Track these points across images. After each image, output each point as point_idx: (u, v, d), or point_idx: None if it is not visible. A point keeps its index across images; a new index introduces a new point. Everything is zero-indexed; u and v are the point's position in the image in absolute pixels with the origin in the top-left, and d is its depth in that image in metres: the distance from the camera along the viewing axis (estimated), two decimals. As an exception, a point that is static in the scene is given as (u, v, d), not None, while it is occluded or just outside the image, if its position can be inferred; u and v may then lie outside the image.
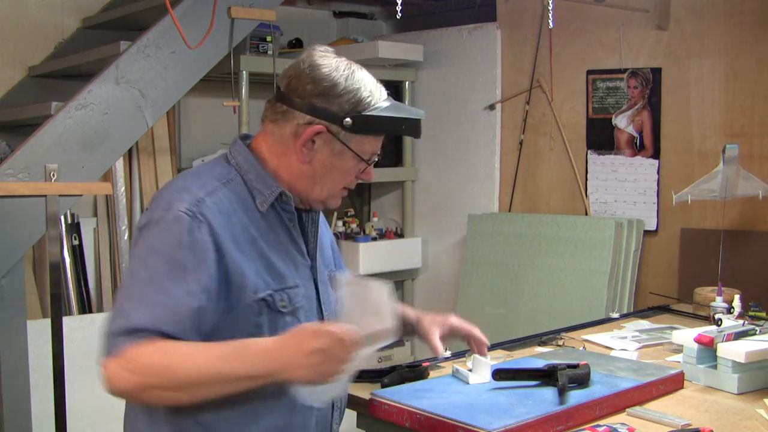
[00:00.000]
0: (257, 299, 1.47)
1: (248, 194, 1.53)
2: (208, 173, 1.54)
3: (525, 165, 3.98)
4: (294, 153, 1.53)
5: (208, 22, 2.89)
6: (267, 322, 1.48)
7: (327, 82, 1.52)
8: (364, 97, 1.54)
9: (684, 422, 1.69)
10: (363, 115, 1.53)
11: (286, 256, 1.54)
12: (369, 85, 1.57)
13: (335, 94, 1.52)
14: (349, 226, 4.31)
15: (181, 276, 1.40)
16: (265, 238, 1.52)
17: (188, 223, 1.42)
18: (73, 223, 3.52)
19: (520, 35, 3.99)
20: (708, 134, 3.39)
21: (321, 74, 1.53)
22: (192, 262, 1.41)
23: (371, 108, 1.54)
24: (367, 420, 1.86)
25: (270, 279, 1.50)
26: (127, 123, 2.79)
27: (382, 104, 1.56)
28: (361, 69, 1.59)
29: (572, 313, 3.42)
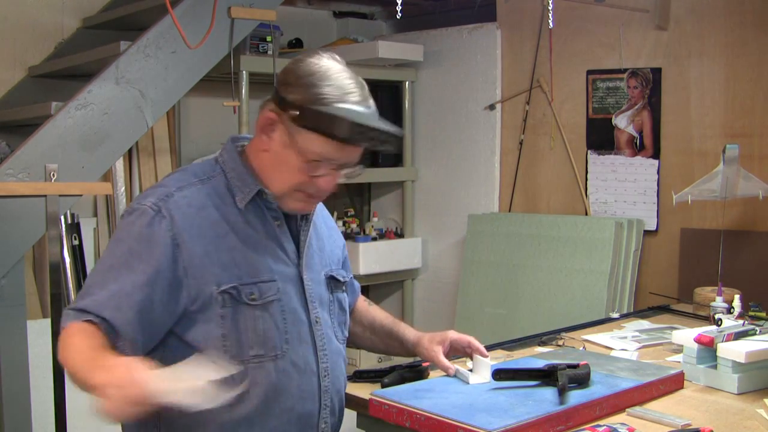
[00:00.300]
0: (220, 291, 1.51)
1: (228, 192, 1.57)
2: (192, 170, 1.61)
3: (525, 165, 3.98)
4: (260, 141, 1.58)
5: (208, 22, 2.89)
6: (231, 314, 1.52)
7: (297, 72, 1.53)
8: (324, 93, 1.49)
9: (684, 422, 1.69)
10: (310, 108, 1.49)
11: (264, 251, 1.57)
12: (333, 86, 1.50)
13: (297, 84, 1.51)
14: (349, 226, 4.31)
15: (133, 266, 1.47)
16: (240, 233, 1.56)
17: (150, 217, 1.50)
18: (73, 223, 3.52)
19: (520, 35, 3.99)
20: (708, 134, 3.39)
21: (298, 67, 1.54)
22: (146, 255, 1.48)
23: (319, 104, 1.49)
24: (367, 420, 1.86)
25: (240, 272, 1.53)
26: (127, 123, 2.79)
27: (338, 105, 1.49)
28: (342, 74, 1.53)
29: (572, 313, 3.42)
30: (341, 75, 1.53)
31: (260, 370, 1.53)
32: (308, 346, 1.61)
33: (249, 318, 1.53)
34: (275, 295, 1.56)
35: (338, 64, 1.56)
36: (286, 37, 4.25)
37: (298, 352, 1.58)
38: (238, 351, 1.51)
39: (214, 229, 1.53)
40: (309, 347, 1.61)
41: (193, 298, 1.50)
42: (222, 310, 1.51)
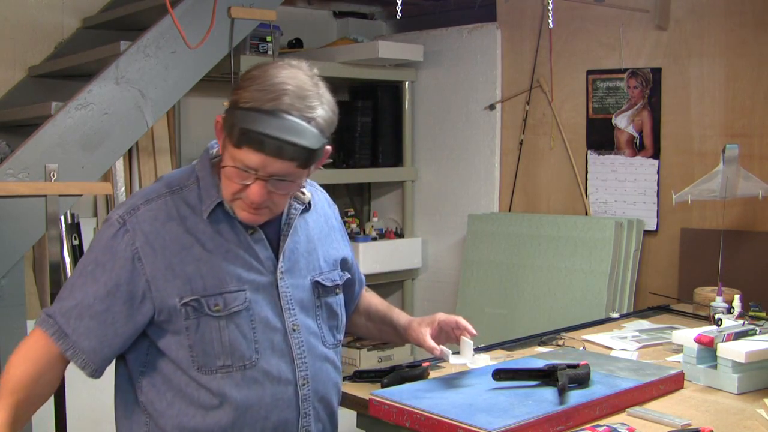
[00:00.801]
0: (182, 303, 1.52)
1: (199, 201, 1.57)
2: (167, 179, 1.63)
3: (525, 165, 3.98)
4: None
5: (208, 22, 2.89)
6: (195, 326, 1.52)
7: (242, 77, 1.51)
8: (244, 98, 1.45)
9: (684, 422, 1.69)
10: (231, 113, 1.46)
11: (234, 260, 1.56)
12: (267, 90, 1.45)
13: (237, 87, 1.50)
14: (349, 226, 4.31)
15: (97, 277, 1.53)
16: (208, 243, 1.55)
17: (115, 230, 1.54)
18: (73, 223, 3.52)
19: (520, 35, 3.99)
20: (708, 134, 3.39)
21: (250, 71, 1.51)
22: (108, 267, 1.52)
23: (244, 110, 1.44)
24: (367, 420, 1.86)
25: (205, 283, 1.53)
26: (127, 123, 2.79)
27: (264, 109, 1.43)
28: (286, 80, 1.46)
29: (572, 313, 3.42)
30: (275, 79, 1.46)
31: (229, 380, 1.53)
32: (283, 354, 1.58)
33: (214, 329, 1.53)
34: (243, 304, 1.55)
35: (287, 69, 1.49)
36: (286, 37, 4.25)
37: (270, 362, 1.56)
38: (205, 361, 1.53)
39: (179, 242, 1.53)
40: (284, 356, 1.59)
41: (158, 310, 1.52)
42: (186, 321, 1.52)
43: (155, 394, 1.56)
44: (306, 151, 1.45)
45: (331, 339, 1.70)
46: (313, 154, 1.46)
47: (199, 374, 1.53)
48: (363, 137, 4.25)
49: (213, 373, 1.53)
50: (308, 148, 1.45)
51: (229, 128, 1.47)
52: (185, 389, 1.54)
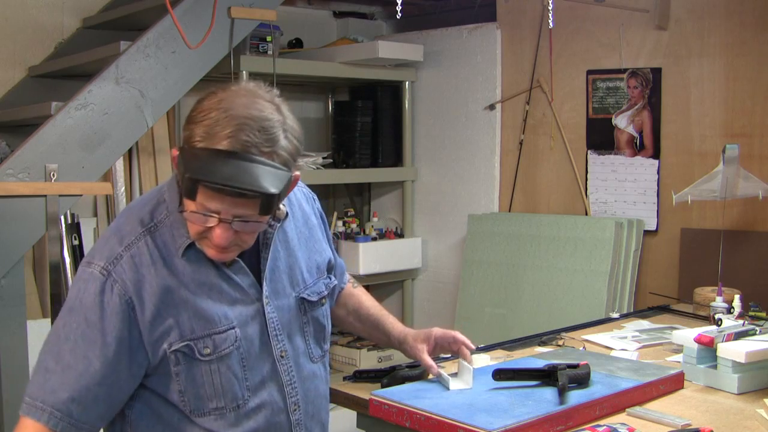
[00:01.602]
0: (172, 351, 1.45)
1: (172, 239, 1.47)
2: (138, 214, 1.49)
3: (525, 165, 3.98)
4: None
5: (208, 22, 2.89)
6: (185, 371, 1.46)
7: (195, 108, 1.42)
8: (201, 133, 1.35)
9: (684, 422, 1.69)
10: (185, 151, 1.36)
11: (218, 297, 1.49)
12: (221, 122, 1.34)
13: (189, 120, 1.40)
14: (349, 226, 4.31)
15: (93, 339, 1.41)
16: (190, 284, 1.47)
17: (101, 284, 1.43)
18: (73, 223, 3.52)
19: (520, 35, 3.99)
20: (708, 134, 3.39)
21: (201, 101, 1.43)
22: (104, 325, 1.42)
23: (198, 150, 1.34)
24: (367, 420, 1.86)
25: (193, 326, 1.46)
26: (127, 123, 2.79)
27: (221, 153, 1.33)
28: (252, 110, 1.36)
29: (572, 313, 3.42)
30: (231, 112, 1.36)
31: (222, 420, 1.49)
32: (273, 384, 1.55)
33: (205, 373, 1.47)
34: (233, 345, 1.49)
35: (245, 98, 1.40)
36: (286, 37, 4.25)
37: (261, 395, 1.53)
38: (197, 405, 1.48)
39: (163, 286, 1.45)
40: (274, 386, 1.55)
41: (151, 359, 1.46)
42: (176, 368, 1.46)
43: (145, 427, 1.50)
44: (268, 197, 1.34)
45: (318, 351, 1.65)
46: (276, 198, 1.35)
47: (191, 416, 1.48)
48: (363, 137, 4.25)
49: (206, 416, 1.48)
50: (270, 194, 1.34)
51: (182, 172, 1.34)
52: (177, 425, 1.49)
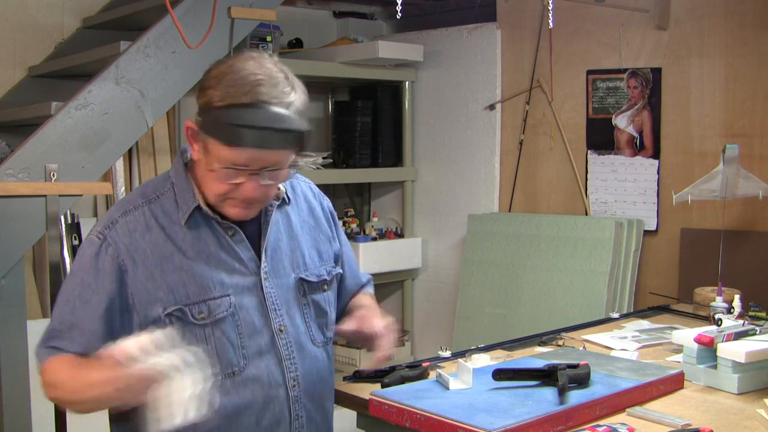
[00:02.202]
0: (166, 314, 1.50)
1: (176, 208, 1.55)
2: (143, 189, 1.60)
3: (525, 165, 3.98)
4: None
5: (208, 22, 2.89)
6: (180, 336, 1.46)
7: (206, 75, 1.49)
8: (218, 95, 1.44)
9: (684, 422, 1.69)
10: (208, 113, 1.44)
11: (217, 265, 1.54)
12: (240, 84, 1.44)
13: (204, 87, 1.48)
14: (349, 226, 4.31)
15: (87, 299, 1.49)
16: (189, 250, 1.53)
17: (96, 247, 1.52)
18: (73, 223, 3.52)
19: (520, 35, 3.99)
20: (708, 134, 3.39)
21: (209, 69, 1.51)
22: (97, 285, 1.49)
23: (219, 107, 1.43)
24: (367, 420, 1.86)
25: (188, 291, 1.51)
26: (127, 123, 2.79)
27: (240, 103, 1.42)
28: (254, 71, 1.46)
29: (572, 313, 3.42)
30: (244, 72, 1.45)
31: (218, 388, 1.50)
32: (271, 357, 1.57)
33: (200, 338, 1.51)
34: (227, 310, 1.53)
35: (252, 60, 1.49)
36: (286, 37, 4.25)
37: (258, 366, 1.55)
38: None
39: (159, 251, 1.51)
40: (272, 358, 1.57)
41: (142, 321, 1.50)
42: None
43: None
44: (298, 134, 1.46)
45: (320, 337, 1.68)
46: (304, 136, 1.47)
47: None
48: (363, 137, 4.25)
49: None
50: (299, 131, 1.46)
51: (211, 130, 1.44)
52: None
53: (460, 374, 1.85)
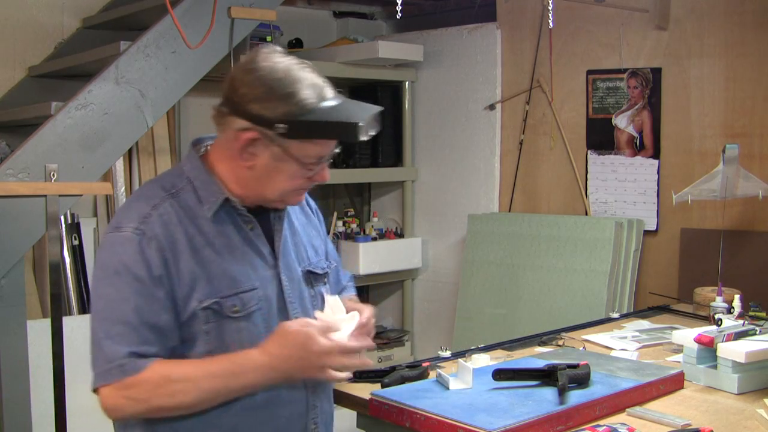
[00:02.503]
0: (202, 308, 1.49)
1: (198, 203, 1.55)
2: (159, 183, 1.58)
3: (525, 165, 3.98)
4: (237, 157, 1.54)
5: (208, 22, 2.89)
6: (215, 329, 1.50)
7: (262, 86, 1.48)
8: (298, 101, 1.48)
9: (684, 422, 1.69)
10: (296, 121, 1.48)
11: (241, 258, 1.55)
12: (306, 87, 1.49)
13: (269, 99, 1.48)
14: (349, 226, 4.31)
15: (151, 292, 1.46)
16: (215, 244, 1.53)
17: (137, 243, 1.48)
18: (73, 223, 3.52)
19: (520, 35, 3.99)
20: (708, 134, 3.39)
21: (257, 78, 1.49)
22: (153, 279, 1.47)
23: (306, 112, 1.48)
24: (367, 420, 1.86)
25: (220, 285, 1.51)
26: (127, 123, 2.79)
27: (322, 106, 1.50)
28: (304, 69, 1.52)
29: (572, 313, 3.42)
30: (303, 71, 1.51)
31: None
32: None
33: (234, 331, 1.51)
34: (257, 303, 1.54)
35: (288, 57, 1.53)
36: (286, 37, 4.25)
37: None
38: None
39: (191, 245, 1.51)
40: None
41: (182, 315, 1.49)
42: (206, 326, 1.49)
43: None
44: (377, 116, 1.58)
45: None
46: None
47: None
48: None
49: None
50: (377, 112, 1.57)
51: (302, 133, 1.48)
52: None
53: (460, 374, 1.85)
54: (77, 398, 3.07)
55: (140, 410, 1.46)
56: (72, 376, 2.67)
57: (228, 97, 1.52)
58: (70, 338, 3.01)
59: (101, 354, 1.45)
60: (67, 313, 3.40)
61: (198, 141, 1.64)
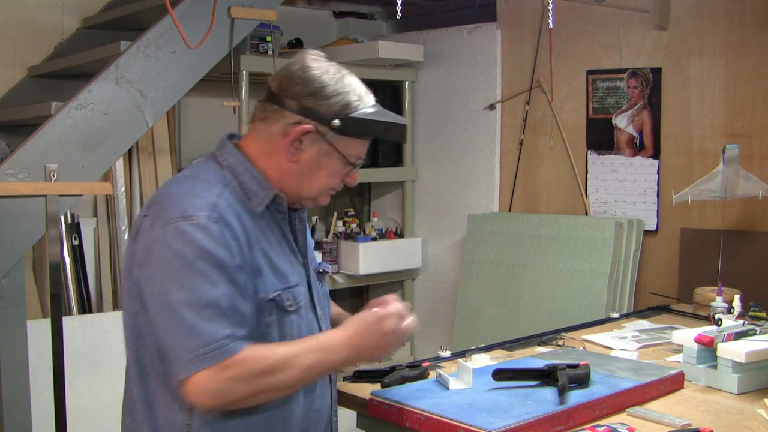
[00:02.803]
0: (268, 299, 1.51)
1: (244, 196, 1.55)
2: (203, 176, 1.56)
3: (525, 165, 3.98)
4: (282, 151, 1.56)
5: (208, 22, 2.89)
6: (276, 322, 1.52)
7: (317, 83, 1.55)
8: (352, 101, 1.56)
9: (684, 422, 1.69)
10: (351, 117, 1.56)
11: (283, 254, 1.58)
12: (358, 90, 1.59)
13: (325, 96, 1.55)
14: (349, 226, 4.31)
15: (231, 279, 1.44)
16: (264, 238, 1.55)
17: (217, 229, 1.45)
18: (73, 223, 3.52)
19: (520, 35, 3.99)
20: (708, 134, 3.39)
21: (312, 76, 1.55)
22: (232, 266, 1.45)
23: (358, 112, 1.57)
24: (367, 420, 1.86)
25: (276, 279, 1.53)
26: (127, 123, 2.79)
27: (369, 109, 1.59)
28: (350, 74, 1.61)
29: (572, 313, 3.42)
30: (350, 75, 1.60)
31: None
32: None
33: (289, 324, 1.55)
34: (302, 299, 1.59)
35: (333, 62, 1.61)
36: (286, 37, 4.25)
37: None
38: None
39: (249, 237, 1.51)
40: None
41: (251, 305, 1.49)
42: (268, 318, 1.51)
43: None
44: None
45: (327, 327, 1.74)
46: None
47: None
48: (363, 137, 4.25)
49: None
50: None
51: (356, 130, 1.56)
52: None
53: (460, 374, 1.85)
54: (77, 398, 3.08)
55: (243, 392, 1.42)
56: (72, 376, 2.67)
57: (278, 93, 1.57)
58: (70, 338, 3.02)
59: (196, 339, 1.40)
60: (67, 313, 3.40)
61: (232, 136, 1.66)
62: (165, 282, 1.44)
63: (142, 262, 1.48)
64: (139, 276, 1.49)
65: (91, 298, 3.58)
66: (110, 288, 3.65)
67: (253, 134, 1.62)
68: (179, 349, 1.41)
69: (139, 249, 1.49)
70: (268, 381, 1.43)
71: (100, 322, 3.30)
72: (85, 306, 3.53)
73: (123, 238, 3.64)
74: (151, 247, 1.46)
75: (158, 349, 1.48)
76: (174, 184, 1.57)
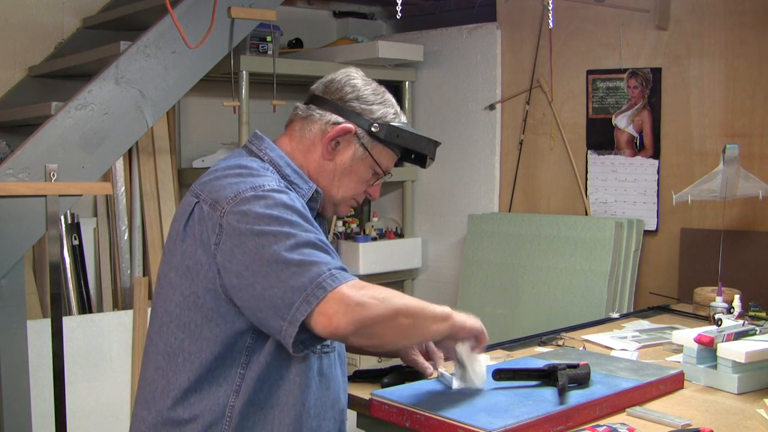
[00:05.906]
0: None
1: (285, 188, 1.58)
2: (250, 165, 1.57)
3: (525, 165, 3.99)
4: (319, 149, 1.64)
5: (208, 22, 2.89)
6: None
7: (361, 91, 1.67)
8: (390, 112, 1.68)
9: (684, 422, 1.69)
10: (390, 125, 1.66)
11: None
12: (396, 106, 1.71)
13: (368, 101, 1.66)
14: (349, 226, 4.31)
15: (322, 239, 1.48)
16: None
17: (292, 194, 1.52)
18: (73, 223, 3.52)
19: (520, 35, 3.99)
20: (708, 134, 3.39)
21: (356, 84, 1.68)
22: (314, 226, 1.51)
23: (396, 123, 1.68)
24: (367, 420, 1.86)
25: None
26: (127, 123, 2.79)
27: (404, 122, 1.71)
28: (386, 90, 1.73)
29: (572, 313, 3.42)
30: (387, 94, 1.72)
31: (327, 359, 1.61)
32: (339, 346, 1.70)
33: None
34: None
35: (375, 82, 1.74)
36: (286, 37, 4.25)
37: (340, 346, 1.68)
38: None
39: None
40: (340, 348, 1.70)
41: None
42: None
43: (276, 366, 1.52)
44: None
45: None
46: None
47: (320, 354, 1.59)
48: (363, 137, 4.25)
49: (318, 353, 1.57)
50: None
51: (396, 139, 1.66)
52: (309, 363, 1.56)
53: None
54: (77, 398, 3.08)
55: (381, 311, 1.40)
56: (72, 376, 2.67)
57: (322, 96, 1.67)
58: (70, 338, 3.02)
59: (315, 268, 1.38)
60: (67, 313, 3.40)
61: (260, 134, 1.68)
62: (256, 243, 1.41)
63: (215, 240, 1.44)
64: (216, 253, 1.44)
65: (91, 298, 3.58)
66: (110, 288, 3.65)
67: (289, 134, 1.69)
68: (299, 286, 1.37)
69: (207, 228, 1.46)
70: (398, 302, 1.44)
71: (100, 322, 3.30)
72: (85, 306, 3.53)
73: (123, 238, 3.65)
74: (227, 222, 1.43)
75: (260, 319, 1.43)
76: (221, 173, 1.54)
